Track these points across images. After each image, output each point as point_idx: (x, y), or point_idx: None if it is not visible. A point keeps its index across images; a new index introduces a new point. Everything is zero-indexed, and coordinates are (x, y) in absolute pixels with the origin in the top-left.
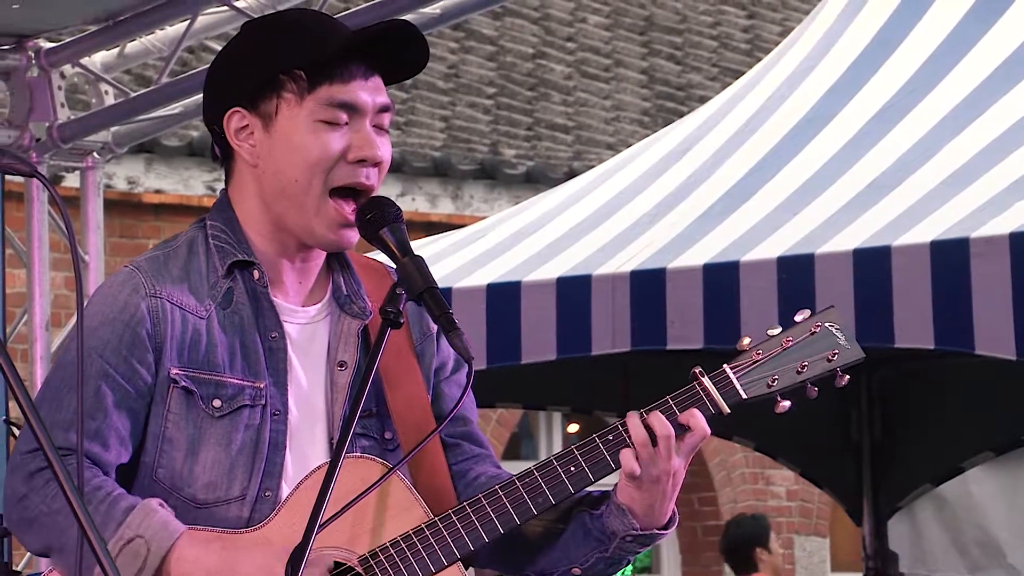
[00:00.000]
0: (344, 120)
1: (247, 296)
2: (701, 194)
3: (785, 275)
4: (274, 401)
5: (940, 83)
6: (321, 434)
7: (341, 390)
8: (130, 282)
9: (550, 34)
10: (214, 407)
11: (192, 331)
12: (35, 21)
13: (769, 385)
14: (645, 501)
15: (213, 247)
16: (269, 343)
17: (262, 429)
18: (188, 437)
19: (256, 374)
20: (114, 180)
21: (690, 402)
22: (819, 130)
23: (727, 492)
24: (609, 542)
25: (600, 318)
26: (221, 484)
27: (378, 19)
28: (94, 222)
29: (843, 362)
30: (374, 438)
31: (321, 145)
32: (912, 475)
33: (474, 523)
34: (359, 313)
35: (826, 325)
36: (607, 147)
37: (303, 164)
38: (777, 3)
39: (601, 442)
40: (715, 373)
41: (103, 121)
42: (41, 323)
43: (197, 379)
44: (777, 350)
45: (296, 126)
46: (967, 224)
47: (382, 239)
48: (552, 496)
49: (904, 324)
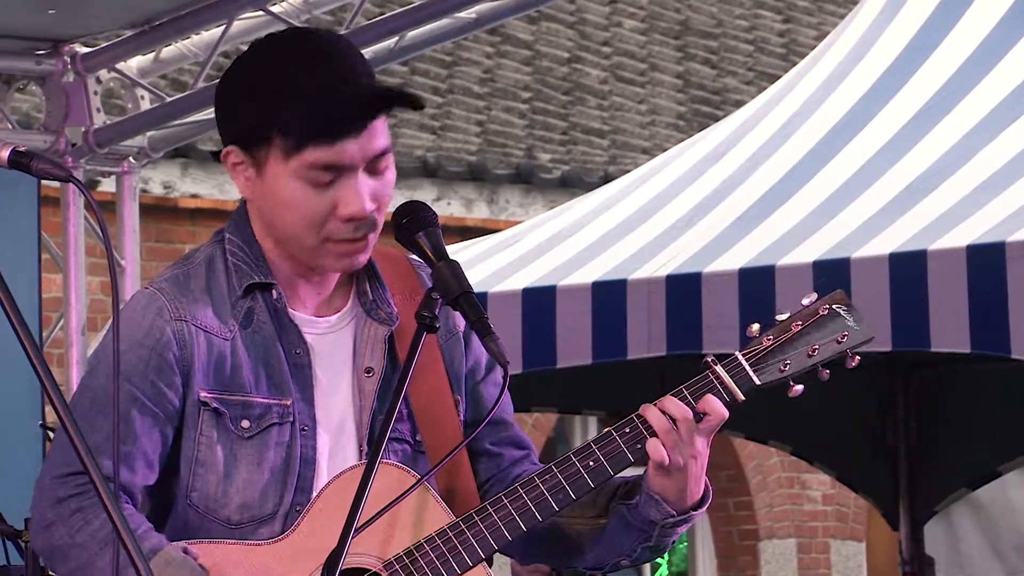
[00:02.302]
0: (328, 180)
1: (268, 314)
2: (736, 198)
3: (821, 280)
4: (302, 417)
5: (976, 87)
6: (350, 442)
7: (368, 396)
8: (154, 305)
9: (585, 38)
10: (243, 428)
11: (217, 353)
12: (71, 26)
13: (781, 370)
14: (676, 486)
15: (232, 266)
16: (294, 359)
17: (292, 446)
18: (222, 459)
19: (282, 392)
20: (150, 185)
21: (704, 390)
22: (855, 134)
23: (763, 497)
24: (651, 530)
25: (636, 322)
26: (254, 503)
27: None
28: (130, 227)
29: (853, 343)
30: (407, 441)
31: (307, 205)
32: (949, 479)
33: (496, 522)
34: (386, 319)
35: (833, 307)
36: (642, 151)
37: (292, 220)
38: (813, 7)
39: (618, 435)
40: (727, 360)
41: (139, 126)
42: (77, 328)
43: (225, 401)
44: (787, 335)
45: (283, 182)
46: (1003, 228)
47: (418, 243)
48: (572, 492)
49: (940, 328)
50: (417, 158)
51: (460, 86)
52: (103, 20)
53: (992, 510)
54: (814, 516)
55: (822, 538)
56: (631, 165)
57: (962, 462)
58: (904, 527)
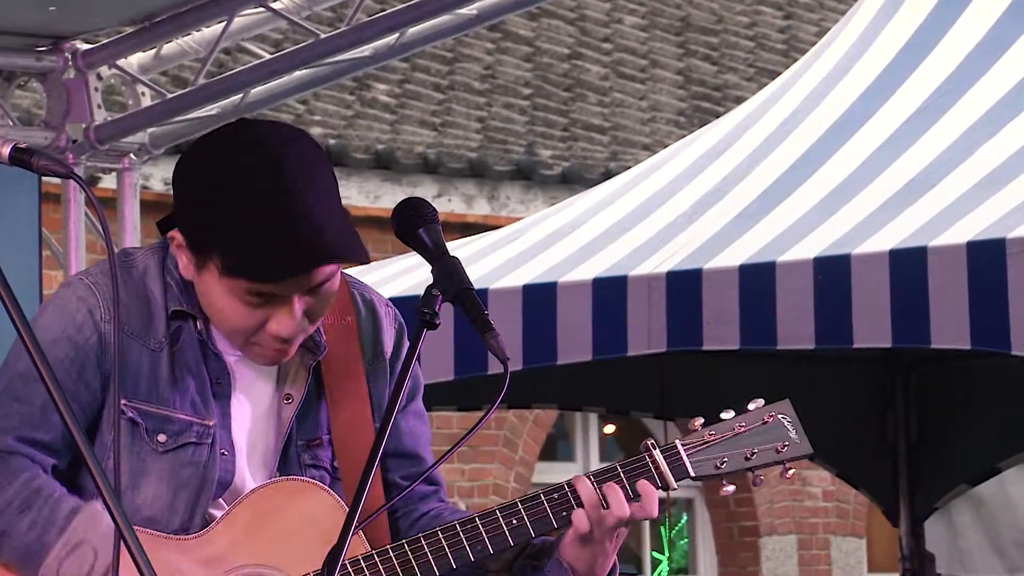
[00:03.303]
0: (260, 303)
1: (195, 341)
2: (737, 195)
3: (821, 276)
4: (223, 440)
5: (976, 84)
6: (263, 465)
7: (284, 422)
8: (87, 302)
9: (586, 35)
10: (158, 441)
11: (144, 363)
12: (72, 23)
13: (717, 467)
14: (588, 559)
15: (165, 283)
16: (215, 388)
17: (209, 468)
18: (130, 469)
19: (206, 412)
20: (151, 181)
21: (639, 473)
22: (855, 131)
23: (763, 493)
24: None
25: (636, 319)
26: (161, 519)
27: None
28: (130, 223)
29: (790, 455)
30: (325, 468)
31: (237, 318)
32: (949, 476)
33: (411, 562)
34: (312, 347)
35: (779, 416)
36: (643, 148)
37: (222, 323)
38: (814, 3)
39: (546, 499)
40: (666, 448)
41: (140, 122)
42: None
43: (144, 412)
44: (729, 434)
45: (216, 292)
46: (1003, 225)
47: (418, 240)
48: (490, 545)
49: (940, 325)
50: (418, 154)
51: (461, 82)
52: (104, 17)
53: (992, 506)
54: (814, 512)
55: (822, 534)
56: (632, 161)
57: (962, 458)
58: (904, 523)
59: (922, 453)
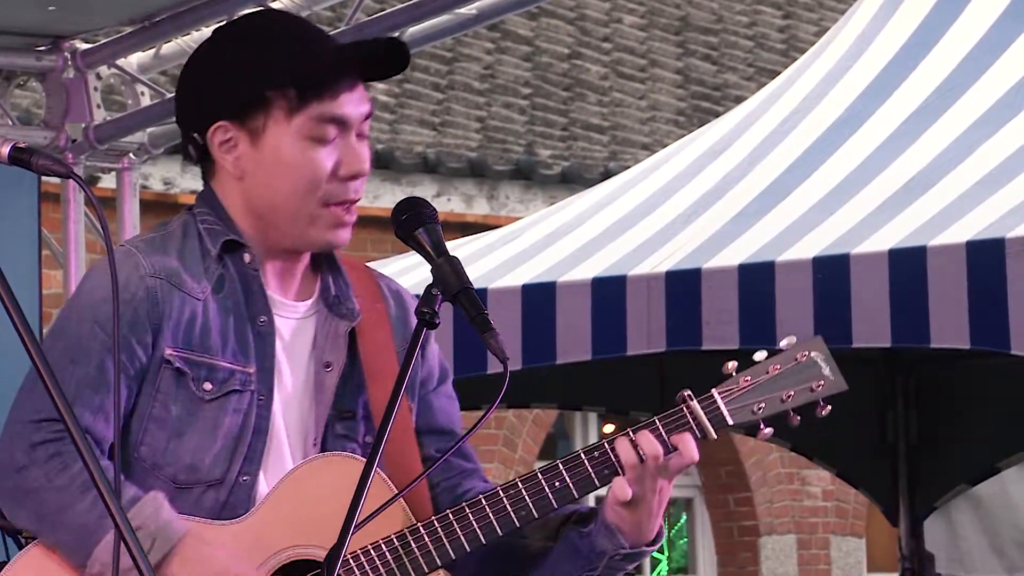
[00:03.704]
0: (333, 135)
1: (238, 282)
2: (736, 194)
3: (820, 275)
4: (260, 387)
5: (976, 83)
6: (300, 431)
7: (328, 391)
8: (130, 260)
9: (586, 34)
10: (205, 390)
11: (189, 313)
12: (71, 22)
13: (754, 412)
14: (633, 519)
15: (204, 231)
16: (257, 328)
17: (248, 415)
18: (175, 418)
19: (246, 359)
20: (150, 181)
21: (678, 425)
22: (855, 130)
23: (763, 492)
24: (598, 561)
25: (635, 319)
26: (202, 467)
27: (414, 19)
28: (130, 223)
29: (826, 393)
30: (357, 442)
31: (313, 164)
32: (948, 475)
33: (456, 532)
34: (347, 314)
35: (811, 355)
36: (643, 147)
37: (294, 182)
38: (813, 3)
39: (587, 458)
40: (703, 397)
41: (139, 122)
42: None
43: (190, 360)
44: (764, 378)
45: (285, 143)
46: (1003, 224)
47: (417, 239)
48: (535, 510)
49: (939, 324)
50: (417, 154)
51: (460, 82)
52: (103, 16)
53: (992, 506)
54: (814, 512)
55: (822, 534)
56: (631, 161)
57: (962, 458)
58: (904, 523)
59: (921, 453)
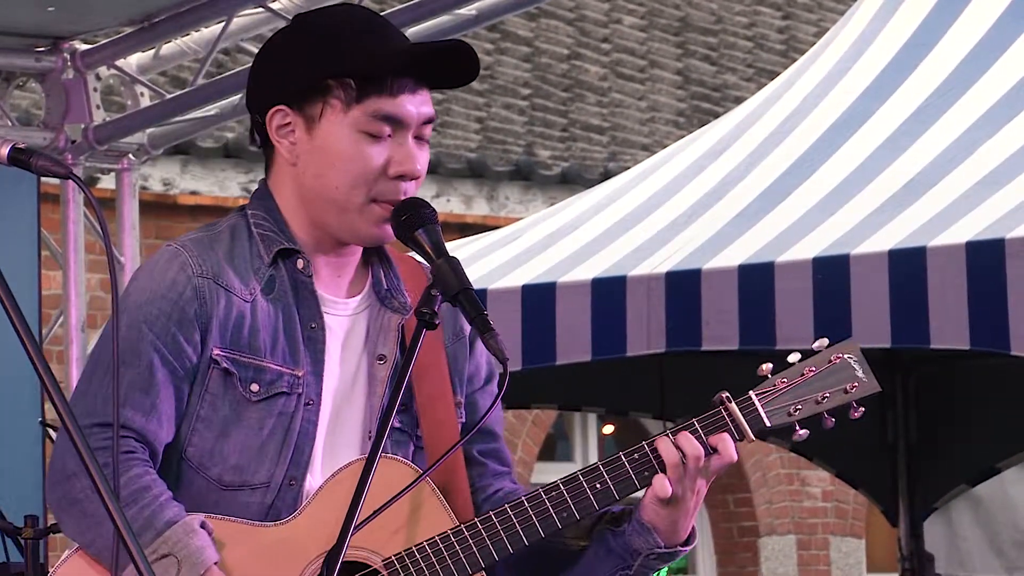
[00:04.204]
0: (387, 133)
1: (289, 284)
2: (736, 195)
3: (820, 276)
4: (309, 391)
5: (975, 84)
6: (356, 426)
7: (380, 383)
8: (177, 260)
9: (585, 35)
10: (251, 391)
11: (236, 313)
12: (70, 23)
13: (790, 414)
14: (669, 519)
15: (257, 235)
16: (308, 332)
17: (294, 418)
18: (222, 418)
19: (296, 362)
20: (149, 182)
21: (716, 427)
22: (854, 131)
23: (763, 493)
24: (632, 560)
25: (635, 319)
26: (248, 468)
27: (415, 20)
28: (129, 224)
29: (860, 395)
30: (408, 433)
31: (363, 159)
32: (948, 476)
33: (499, 532)
34: (399, 308)
35: (845, 356)
36: (642, 148)
37: (345, 174)
38: (813, 4)
39: (627, 460)
40: (741, 399)
41: (138, 123)
42: (77, 325)
43: (238, 361)
44: (799, 380)
45: (339, 134)
46: (1002, 225)
47: (417, 240)
48: (577, 511)
49: (939, 325)
50: None
51: None
52: (103, 17)
53: (991, 507)
54: (813, 513)
55: (822, 534)
56: (631, 162)
57: (961, 459)
58: (903, 524)
59: (921, 453)
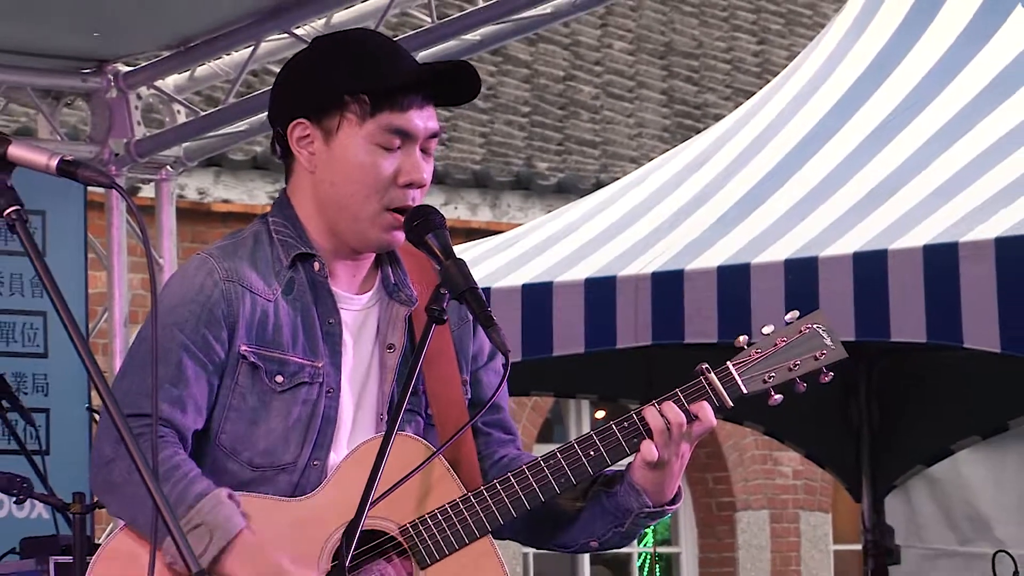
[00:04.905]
0: (397, 145)
1: (307, 285)
2: (716, 203)
3: (791, 276)
4: (329, 380)
5: (932, 103)
6: (370, 409)
7: (390, 370)
8: (205, 267)
9: (579, 58)
10: (276, 382)
11: (260, 313)
12: (114, 47)
13: (765, 381)
14: (657, 480)
15: (277, 241)
16: (327, 327)
17: (317, 405)
18: (251, 408)
19: (315, 354)
20: (186, 191)
21: (697, 395)
22: (822, 145)
23: (739, 472)
24: (624, 518)
25: (624, 315)
26: (276, 451)
27: (425, 45)
28: (167, 229)
29: (829, 361)
30: (419, 414)
31: (376, 168)
32: (906, 457)
33: (503, 499)
34: (406, 300)
35: (814, 327)
36: (631, 160)
37: (358, 182)
38: (785, 30)
39: (618, 429)
40: (719, 369)
41: (175, 138)
42: (120, 320)
43: (263, 356)
44: (772, 349)
45: (354, 145)
46: (956, 230)
47: (427, 244)
48: (573, 476)
49: (899, 320)
50: None
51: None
52: (143, 42)
53: (945, 485)
54: (785, 490)
55: (792, 509)
56: (620, 173)
57: (919, 441)
58: (866, 500)
59: (882, 436)
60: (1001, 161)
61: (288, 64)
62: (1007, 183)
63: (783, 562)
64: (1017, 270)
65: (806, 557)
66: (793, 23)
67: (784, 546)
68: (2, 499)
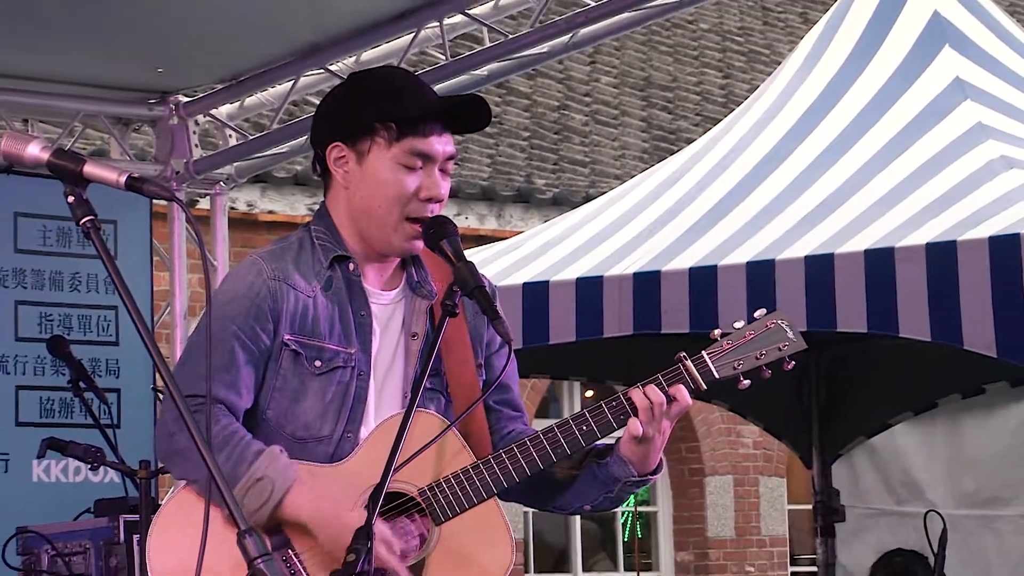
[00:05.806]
0: (419, 165)
1: (343, 283)
2: (687, 214)
3: (752, 276)
4: (360, 364)
5: (872, 128)
6: (396, 389)
7: (413, 355)
8: (255, 267)
9: (571, 90)
10: (315, 366)
11: (302, 306)
12: (175, 81)
13: (735, 368)
14: (641, 453)
15: (318, 245)
16: (359, 319)
17: (349, 385)
18: (293, 388)
19: (349, 342)
20: (236, 204)
21: (675, 379)
22: (778, 164)
23: (707, 442)
24: (614, 485)
25: (610, 309)
26: (315, 425)
27: (439, 79)
28: (221, 236)
29: (791, 351)
30: (440, 392)
31: (401, 185)
32: (850, 430)
33: (507, 466)
34: (427, 295)
35: (778, 322)
36: (615, 178)
37: (385, 197)
38: (746, 66)
39: (607, 407)
40: (695, 357)
41: (227, 158)
42: (181, 313)
43: (304, 343)
44: (742, 341)
45: (383, 166)
46: (893, 236)
47: (442, 248)
48: (568, 447)
49: (844, 313)
50: None
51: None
52: (200, 76)
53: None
54: (747, 458)
55: (753, 475)
56: (606, 188)
57: (860, 416)
58: (816, 466)
59: (829, 412)
60: (929, 179)
61: (327, 96)
62: (937, 197)
63: (745, 520)
64: (945, 270)
65: (765, 515)
66: (754, 60)
67: (746, 506)
68: (79, 466)
